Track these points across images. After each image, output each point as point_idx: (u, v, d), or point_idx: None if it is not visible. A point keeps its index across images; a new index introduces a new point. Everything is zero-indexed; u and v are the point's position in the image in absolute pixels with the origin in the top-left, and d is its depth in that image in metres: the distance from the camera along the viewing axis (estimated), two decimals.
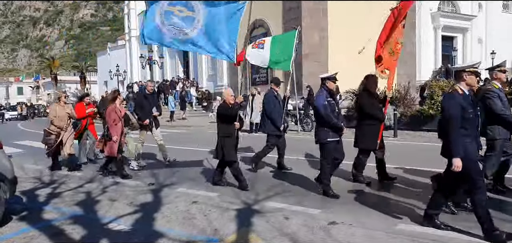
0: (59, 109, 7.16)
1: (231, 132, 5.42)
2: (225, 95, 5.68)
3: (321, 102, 4.93)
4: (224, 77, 25.64)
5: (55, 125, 7.08)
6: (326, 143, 4.94)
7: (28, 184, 6.16)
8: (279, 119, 6.55)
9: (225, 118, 5.45)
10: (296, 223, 4.01)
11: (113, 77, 35.33)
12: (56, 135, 7.05)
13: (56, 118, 7.08)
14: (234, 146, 5.45)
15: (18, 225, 4.24)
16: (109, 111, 6.36)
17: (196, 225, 4.06)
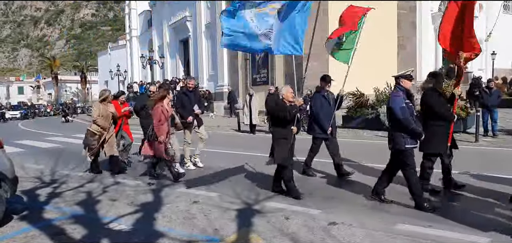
0: (102, 108, 6.73)
1: (287, 135, 4.99)
2: (284, 93, 5.13)
3: (398, 104, 4.38)
4: (224, 77, 25.64)
5: (99, 124, 6.66)
6: (404, 150, 4.43)
7: (28, 184, 6.17)
8: (326, 121, 6.01)
9: (280, 120, 4.98)
10: (297, 223, 4.02)
11: (113, 77, 35.36)
12: (99, 135, 6.66)
13: (100, 117, 6.66)
14: (289, 150, 5.02)
15: (19, 224, 4.25)
16: (156, 111, 5.96)
17: (196, 225, 4.07)
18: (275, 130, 5.11)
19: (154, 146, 6.04)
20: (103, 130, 6.69)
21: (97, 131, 6.65)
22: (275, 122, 5.13)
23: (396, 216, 4.16)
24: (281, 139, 4.99)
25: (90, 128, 6.72)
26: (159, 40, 35.67)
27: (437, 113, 4.85)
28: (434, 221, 3.96)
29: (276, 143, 5.03)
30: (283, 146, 4.97)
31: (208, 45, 28.45)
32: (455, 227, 3.77)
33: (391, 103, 4.49)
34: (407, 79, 4.52)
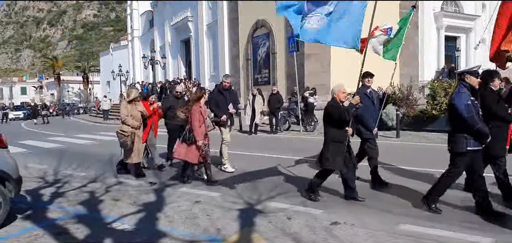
0: (131, 108, 6.44)
1: (342, 138, 4.65)
2: (336, 91, 4.78)
3: (463, 102, 3.99)
4: None
5: (129, 124, 6.37)
6: (465, 152, 4.07)
7: (32, 183, 6.20)
8: (370, 120, 5.58)
9: (335, 120, 4.63)
10: (299, 223, 4.03)
11: (115, 78, 35.44)
12: (131, 135, 6.36)
13: (130, 117, 6.38)
14: (343, 153, 4.67)
15: (23, 224, 4.28)
16: (194, 112, 5.68)
17: (199, 225, 4.08)
18: (329, 132, 4.71)
19: (190, 149, 5.69)
20: (133, 129, 6.40)
21: (127, 132, 6.34)
22: (328, 124, 4.73)
23: (398, 216, 4.16)
24: (336, 142, 4.62)
25: (119, 129, 6.45)
26: (160, 40, 35.72)
27: (495, 113, 4.48)
28: (436, 220, 3.96)
29: (331, 147, 4.63)
30: (336, 149, 4.61)
31: (209, 45, 28.48)
32: (458, 227, 3.77)
33: (455, 100, 4.08)
34: (473, 75, 4.15)
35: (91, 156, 9.37)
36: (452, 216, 4.13)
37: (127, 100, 6.51)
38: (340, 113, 4.57)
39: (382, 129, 12.23)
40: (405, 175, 6.15)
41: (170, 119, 7.39)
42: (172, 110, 7.22)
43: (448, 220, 3.97)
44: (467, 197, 4.71)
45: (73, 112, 44.84)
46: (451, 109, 4.22)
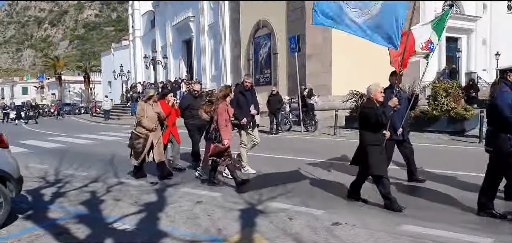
0: (148, 109, 6.16)
1: (380, 140, 4.48)
2: (372, 91, 4.54)
3: (506, 100, 3.81)
4: (227, 78, 25.66)
5: (145, 125, 6.08)
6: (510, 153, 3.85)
7: (33, 183, 6.21)
8: (397, 121, 5.41)
9: (372, 123, 4.40)
10: (300, 223, 4.02)
11: (117, 78, 35.46)
12: (145, 138, 6.08)
13: (146, 118, 6.09)
14: (384, 157, 4.50)
15: (24, 224, 4.28)
16: (220, 111, 5.47)
17: (200, 225, 4.08)
18: (365, 135, 4.51)
19: (216, 149, 5.49)
20: (149, 131, 6.11)
21: (142, 133, 6.07)
22: (364, 126, 4.52)
23: (400, 216, 4.15)
24: (373, 146, 4.42)
25: (134, 130, 6.19)
26: (162, 40, 35.77)
27: None
28: (437, 221, 3.95)
29: (368, 150, 4.42)
30: (376, 153, 4.41)
31: (211, 46, 28.50)
32: (458, 227, 3.76)
33: (498, 99, 3.88)
34: None
35: (92, 155, 9.38)
36: (453, 216, 4.12)
37: (144, 100, 6.28)
38: (378, 116, 4.33)
39: None
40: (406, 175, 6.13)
41: (188, 119, 7.15)
42: (190, 109, 7.02)
43: (449, 221, 3.96)
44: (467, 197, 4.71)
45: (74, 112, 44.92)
46: (493, 109, 4.02)
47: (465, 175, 5.91)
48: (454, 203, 4.54)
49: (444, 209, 4.36)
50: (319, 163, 7.29)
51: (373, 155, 4.40)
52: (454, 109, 11.40)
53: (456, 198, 4.73)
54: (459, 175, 5.90)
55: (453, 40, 25.30)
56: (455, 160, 7.02)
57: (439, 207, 4.47)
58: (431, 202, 4.66)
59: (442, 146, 9.53)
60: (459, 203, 4.56)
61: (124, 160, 8.39)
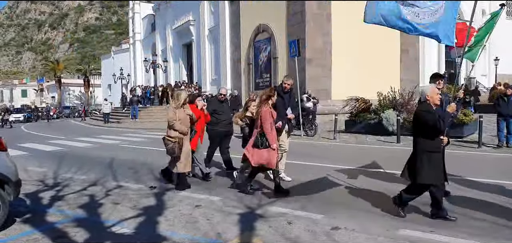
0: (179, 111, 5.84)
1: (437, 147, 4.12)
2: (428, 93, 4.19)
3: None
4: (227, 82, 25.70)
5: (177, 129, 5.76)
6: None
7: (31, 187, 6.18)
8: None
9: (429, 128, 4.04)
10: (299, 227, 4.01)
11: (117, 81, 35.51)
12: (179, 142, 5.74)
13: (178, 121, 5.78)
14: (440, 165, 4.15)
15: (22, 228, 4.26)
16: (264, 114, 5.18)
17: (199, 229, 4.06)
18: (420, 141, 4.14)
19: (262, 155, 5.18)
20: (182, 134, 5.79)
21: (174, 138, 5.74)
22: (420, 132, 4.14)
23: (399, 221, 4.14)
24: (430, 153, 4.06)
25: (166, 135, 5.84)
26: (162, 44, 35.84)
27: None
28: (436, 226, 3.94)
29: (425, 157, 4.07)
30: (434, 161, 4.06)
31: (211, 49, 28.56)
32: (458, 232, 3.75)
33: None
34: None
35: (91, 159, 9.36)
36: (453, 221, 4.10)
37: (178, 104, 5.86)
38: (436, 121, 3.98)
39: (383, 135, 12.22)
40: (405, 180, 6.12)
41: (213, 125, 6.75)
42: (215, 115, 6.71)
43: (448, 226, 3.95)
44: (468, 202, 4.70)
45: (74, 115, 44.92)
46: None
47: (465, 181, 5.90)
48: (454, 208, 4.52)
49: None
50: (318, 167, 7.29)
51: (427, 162, 4.05)
52: None
53: (456, 203, 4.72)
54: (459, 180, 5.89)
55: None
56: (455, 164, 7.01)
57: None
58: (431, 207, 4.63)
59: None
60: (460, 208, 4.55)
61: (123, 163, 8.40)
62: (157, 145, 12.27)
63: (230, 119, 6.95)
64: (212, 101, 7.24)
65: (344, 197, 5.23)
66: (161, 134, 7.80)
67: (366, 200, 4.98)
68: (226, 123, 6.84)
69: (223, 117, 6.80)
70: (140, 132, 17.91)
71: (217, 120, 6.71)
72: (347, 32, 18.37)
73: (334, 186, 5.88)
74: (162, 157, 8.04)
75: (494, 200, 4.87)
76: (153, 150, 10.92)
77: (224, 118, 6.81)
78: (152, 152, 10.36)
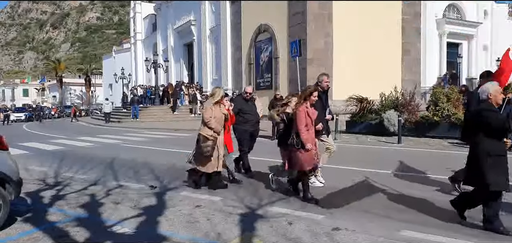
0: (216, 109, 5.67)
1: (503, 150, 3.78)
2: (491, 91, 3.81)
3: None
4: (228, 81, 25.72)
5: (212, 127, 5.58)
6: None
7: (32, 186, 6.19)
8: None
9: (492, 129, 3.70)
10: (300, 228, 4.00)
11: (118, 81, 35.55)
12: (214, 141, 5.58)
13: (214, 119, 5.61)
14: (507, 170, 3.74)
15: (23, 226, 4.26)
16: (299, 113, 4.89)
17: (199, 229, 4.06)
18: (483, 143, 3.75)
19: (297, 157, 4.89)
20: (217, 133, 5.62)
21: (211, 136, 5.56)
22: (483, 133, 3.76)
23: (400, 222, 4.13)
24: (495, 157, 3.68)
25: (202, 132, 5.63)
26: (163, 43, 35.87)
27: None
28: (438, 227, 3.93)
29: (490, 162, 3.68)
30: (500, 166, 3.69)
31: (212, 49, 28.58)
32: (459, 233, 3.74)
33: None
34: None
35: (92, 158, 9.36)
36: (454, 223, 4.09)
37: (214, 102, 5.68)
38: (503, 121, 3.69)
39: (385, 135, 12.21)
40: (407, 180, 6.12)
41: (239, 124, 6.50)
42: (241, 114, 6.46)
43: (449, 227, 3.94)
44: None
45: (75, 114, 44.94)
46: None
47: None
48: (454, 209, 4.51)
49: (445, 216, 4.33)
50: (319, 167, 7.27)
51: (496, 167, 3.68)
52: (454, 114, 11.39)
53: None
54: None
55: (454, 46, 25.33)
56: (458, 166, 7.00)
57: (441, 214, 4.44)
58: (433, 208, 4.63)
59: (442, 151, 9.50)
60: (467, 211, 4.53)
61: (124, 163, 8.40)
62: (158, 144, 12.29)
63: (257, 119, 6.77)
64: (237, 101, 6.80)
65: (345, 197, 5.22)
66: (162, 133, 7.80)
67: (367, 201, 4.97)
68: (253, 122, 6.61)
69: (250, 117, 6.55)
70: (141, 131, 17.92)
71: (244, 120, 6.46)
72: (348, 33, 18.36)
73: (334, 186, 5.87)
74: (162, 157, 8.06)
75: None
76: (154, 149, 10.93)
77: (251, 118, 6.55)
78: (153, 152, 10.36)
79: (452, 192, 5.09)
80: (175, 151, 10.33)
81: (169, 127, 19.00)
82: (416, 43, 21.56)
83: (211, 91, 5.89)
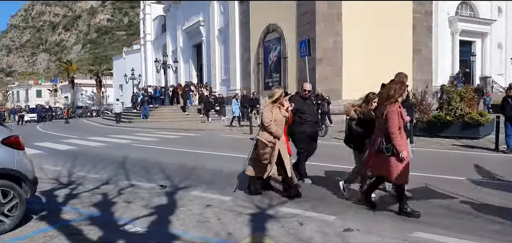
0: (276, 112, 5.20)
1: None
2: None
3: None
4: (237, 82, 25.76)
5: (273, 132, 5.10)
6: None
7: (47, 184, 6.30)
8: None
9: None
10: (311, 228, 3.99)
11: (128, 81, 35.93)
12: (272, 147, 5.10)
13: (274, 123, 5.12)
14: None
15: (38, 225, 4.34)
16: (391, 114, 4.23)
17: (210, 228, 4.08)
18: None
19: (391, 167, 4.25)
20: (276, 138, 5.13)
21: (270, 142, 5.08)
22: None
23: (413, 223, 4.08)
24: None
25: (260, 137, 5.16)
26: (173, 44, 36.12)
27: None
28: (450, 228, 3.87)
29: None
30: None
31: (221, 50, 28.66)
32: (473, 235, 3.68)
33: None
34: None
35: (104, 158, 9.49)
36: (467, 224, 4.03)
37: (271, 102, 5.26)
38: None
39: None
40: (419, 181, 6.04)
41: (297, 126, 5.96)
42: (299, 114, 5.95)
43: (463, 229, 3.88)
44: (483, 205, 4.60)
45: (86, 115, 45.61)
46: None
47: (482, 182, 5.79)
48: (469, 211, 4.44)
49: (459, 217, 4.27)
50: (329, 168, 7.24)
51: None
52: (468, 114, 11.19)
53: (472, 206, 4.63)
54: (475, 182, 5.78)
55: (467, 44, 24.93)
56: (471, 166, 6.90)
57: (453, 214, 4.37)
58: (445, 209, 4.57)
59: (454, 151, 9.35)
60: (475, 211, 4.46)
61: (135, 162, 8.49)
62: (168, 144, 12.38)
63: (316, 119, 6.25)
64: (295, 99, 6.13)
65: (357, 198, 5.18)
66: (171, 133, 7.87)
67: (378, 202, 4.92)
68: (312, 122, 6.13)
69: (309, 117, 6.06)
70: (151, 131, 18.07)
71: (302, 120, 5.97)
72: (358, 32, 18.22)
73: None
74: (173, 156, 8.12)
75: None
76: (164, 149, 11.01)
77: (309, 118, 6.07)
78: (164, 151, 10.44)
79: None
80: (185, 151, 10.39)
81: (179, 127, 19.12)
82: (427, 42, 21.28)
83: (270, 92, 5.37)
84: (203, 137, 14.93)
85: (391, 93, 4.33)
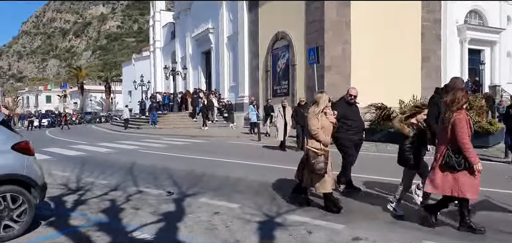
0: (322, 119, 4.88)
1: None
2: None
3: None
4: (245, 89, 25.80)
5: (321, 140, 4.81)
6: None
7: (56, 190, 6.34)
8: None
9: None
10: (320, 237, 3.95)
11: (137, 88, 36.22)
12: (325, 155, 4.80)
13: (322, 130, 4.84)
14: None
15: (46, 231, 4.36)
16: (460, 122, 3.86)
17: (218, 236, 4.06)
18: None
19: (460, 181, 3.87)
20: (326, 146, 4.86)
21: (320, 150, 4.79)
22: None
23: (421, 231, 4.03)
24: None
25: (310, 147, 4.86)
26: (182, 51, 36.38)
27: None
28: (461, 238, 3.81)
29: None
30: None
31: (229, 57, 28.78)
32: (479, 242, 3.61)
33: None
34: None
35: (112, 164, 9.54)
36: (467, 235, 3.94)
37: (319, 109, 4.89)
38: None
39: None
40: None
41: (342, 132, 5.63)
42: (344, 120, 5.66)
43: (471, 238, 3.80)
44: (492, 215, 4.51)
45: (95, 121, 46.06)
46: None
47: (491, 193, 5.68)
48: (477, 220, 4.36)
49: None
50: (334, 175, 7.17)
51: None
52: (478, 123, 11.05)
53: (480, 215, 4.54)
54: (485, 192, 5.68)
55: (476, 52, 24.68)
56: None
57: None
58: (454, 218, 4.49)
59: None
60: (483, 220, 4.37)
61: (143, 169, 8.52)
62: (177, 151, 12.41)
63: (363, 126, 6.12)
64: (340, 105, 5.89)
65: (365, 206, 5.12)
66: (180, 140, 7.87)
67: (387, 210, 4.86)
68: (358, 129, 5.90)
69: (355, 124, 5.83)
70: (159, 137, 18.16)
71: (348, 127, 5.72)
72: (366, 39, 18.16)
73: (354, 195, 5.77)
74: (181, 163, 8.13)
75: None
76: (173, 156, 11.04)
77: (355, 124, 5.83)
78: (172, 158, 10.47)
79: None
80: (193, 157, 10.41)
81: (187, 133, 19.19)
82: (436, 50, 21.11)
83: (315, 98, 5.06)
84: (212, 143, 14.95)
85: (456, 100, 3.91)
